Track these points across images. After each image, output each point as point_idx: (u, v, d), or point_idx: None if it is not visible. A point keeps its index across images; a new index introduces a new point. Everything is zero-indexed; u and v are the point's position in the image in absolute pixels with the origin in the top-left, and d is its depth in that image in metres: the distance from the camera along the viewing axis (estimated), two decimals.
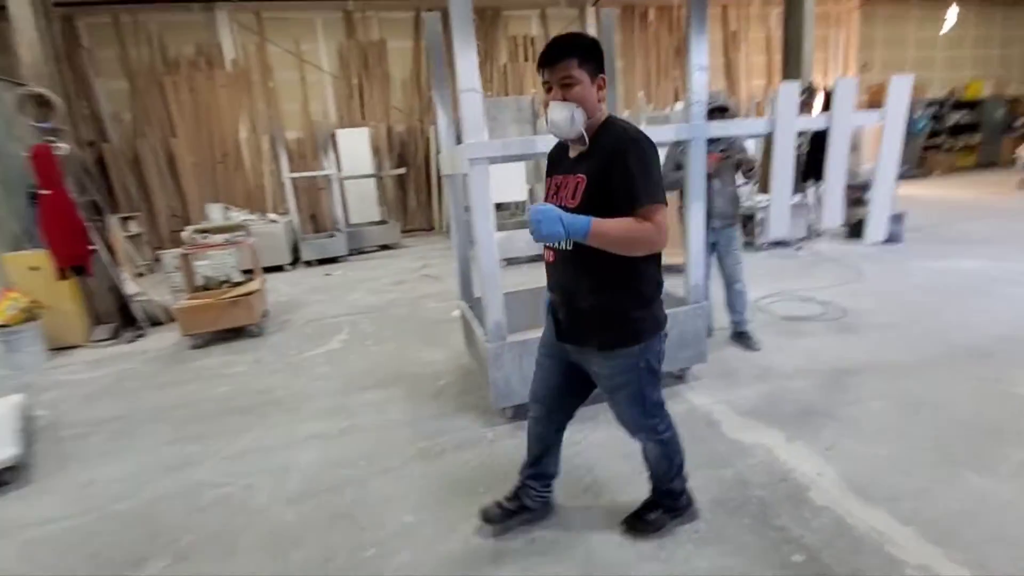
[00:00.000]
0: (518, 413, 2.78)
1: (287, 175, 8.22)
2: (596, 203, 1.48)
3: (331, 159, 8.70)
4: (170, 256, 5.26)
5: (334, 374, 3.68)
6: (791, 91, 2.82)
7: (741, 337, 3.58)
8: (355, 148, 9.47)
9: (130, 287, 5.12)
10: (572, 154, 1.63)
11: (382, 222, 9.69)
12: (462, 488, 2.27)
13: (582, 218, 1.38)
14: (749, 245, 6.05)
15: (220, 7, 10.05)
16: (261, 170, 10.38)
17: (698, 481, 2.11)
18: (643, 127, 1.74)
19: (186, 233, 5.14)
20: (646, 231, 1.41)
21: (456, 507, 2.14)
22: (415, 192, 11.29)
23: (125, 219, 8.34)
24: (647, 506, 1.94)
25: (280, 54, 10.52)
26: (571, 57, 1.47)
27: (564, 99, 1.48)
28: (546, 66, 1.50)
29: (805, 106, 6.76)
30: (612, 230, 1.40)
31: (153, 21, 9.89)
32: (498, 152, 2.39)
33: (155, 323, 5.14)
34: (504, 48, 11.42)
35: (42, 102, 4.56)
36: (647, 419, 1.75)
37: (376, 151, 10.21)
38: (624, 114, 8.62)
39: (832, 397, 2.84)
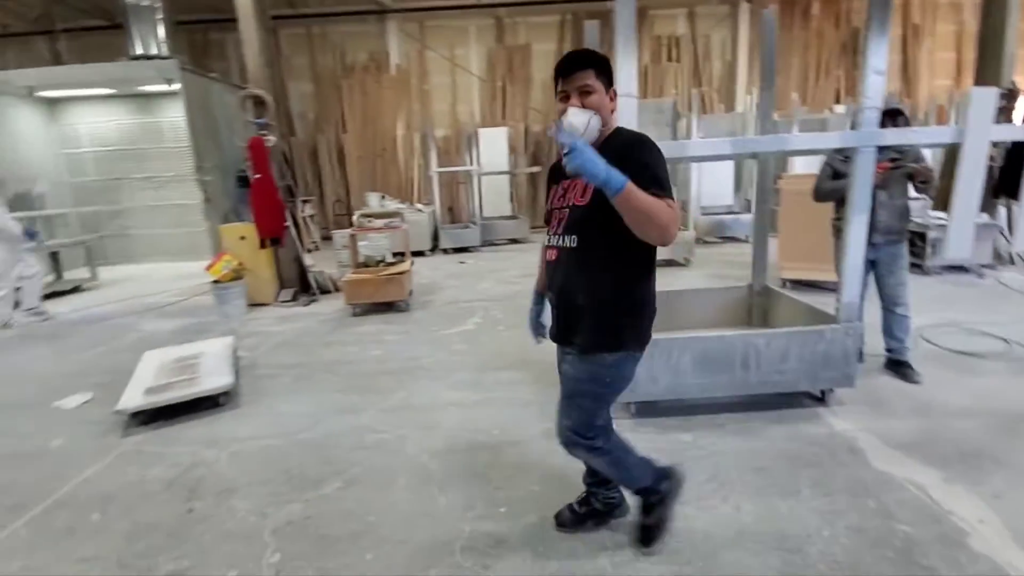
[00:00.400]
0: (642, 410, 2.84)
1: (435, 169, 8.92)
2: (607, 201, 1.43)
3: (472, 156, 9.26)
4: (340, 235, 6.04)
5: (470, 352, 4.01)
6: (988, 97, 2.50)
7: (898, 366, 3.24)
8: (494, 146, 9.96)
9: (307, 260, 5.98)
10: (570, 171, 1.52)
11: (513, 217, 10.10)
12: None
13: (620, 173, 1.34)
14: (917, 267, 5.36)
15: (391, 18, 11.16)
16: (411, 164, 11.35)
17: (836, 504, 2.02)
18: (795, 131, 1.71)
19: (355, 216, 5.87)
20: (667, 212, 1.40)
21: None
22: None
23: (303, 202, 9.66)
24: (641, 512, 1.94)
25: (436, 59, 11.40)
26: (589, 67, 1.54)
27: (583, 106, 1.53)
28: (565, 75, 1.56)
29: (1004, 112, 5.79)
30: (642, 195, 1.37)
31: (337, 32, 11.29)
32: (676, 153, 2.45)
33: (324, 291, 5.95)
34: (647, 48, 11.21)
35: (258, 102, 5.50)
36: (584, 439, 1.71)
37: (512, 149, 10.64)
38: (773, 116, 8.06)
39: (1005, 443, 2.49)
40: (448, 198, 11.22)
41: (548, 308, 1.86)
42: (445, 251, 8.74)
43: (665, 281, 2.43)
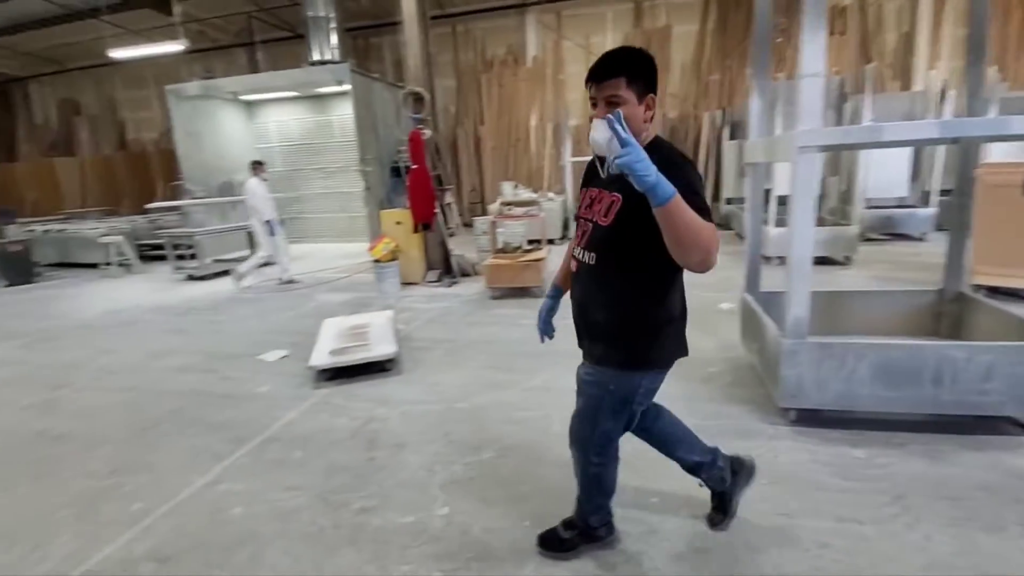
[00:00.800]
0: (802, 417, 2.62)
1: (568, 159, 8.95)
2: (632, 225, 1.41)
3: None
4: (481, 222, 6.36)
5: None
6: None
7: None
8: None
9: (451, 245, 6.38)
10: (614, 170, 1.41)
11: None
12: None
13: (669, 183, 1.23)
14: None
15: (530, 11, 11.33)
16: (543, 153, 11.50)
17: None
18: (992, 113, 1.41)
19: (495, 204, 6.13)
20: (712, 235, 1.27)
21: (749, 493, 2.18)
22: None
23: (446, 190, 10.31)
24: (565, 524, 1.92)
25: (571, 49, 11.35)
26: (620, 75, 1.40)
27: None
28: (594, 82, 1.43)
29: None
30: (688, 211, 1.24)
31: (479, 28, 11.74)
32: (837, 139, 2.24)
33: (464, 275, 6.32)
34: None
35: (417, 98, 5.94)
36: (587, 441, 1.72)
37: None
38: (950, 95, 6.83)
39: None
40: (577, 187, 11.21)
41: (558, 307, 1.97)
42: None
43: (820, 280, 2.22)
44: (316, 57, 9.05)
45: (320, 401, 3.22)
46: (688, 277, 1.52)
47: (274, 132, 10.47)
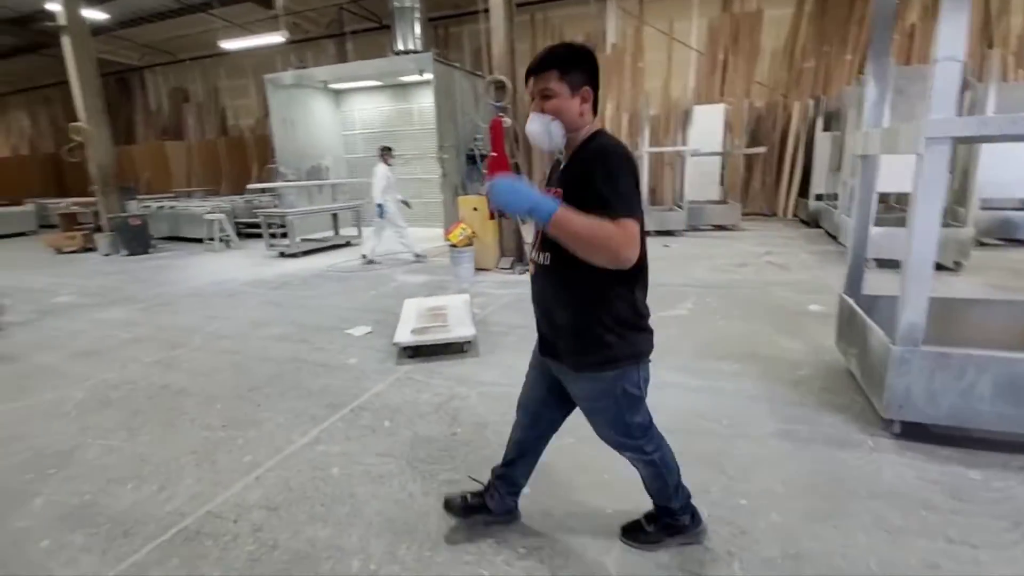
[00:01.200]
0: (907, 431, 2.44)
1: (645, 149, 8.70)
2: None
3: (684, 135, 8.78)
4: None
5: (684, 337, 3.89)
6: None
7: None
8: (708, 125, 9.29)
9: (525, 233, 6.42)
10: (562, 166, 1.54)
11: (722, 202, 9.37)
12: (841, 485, 2.16)
13: (550, 200, 1.30)
14: None
15: None
16: None
17: None
18: None
19: None
20: (609, 234, 1.27)
21: (832, 499, 2.07)
22: (761, 173, 10.47)
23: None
24: (647, 518, 1.89)
25: (651, 36, 10.97)
26: (552, 69, 1.42)
27: (542, 111, 1.43)
28: (529, 77, 1.46)
29: None
30: (575, 222, 1.28)
31: (558, 16, 11.60)
32: (973, 130, 2.03)
33: None
34: (916, 2, 9.18)
35: (500, 86, 5.98)
36: (630, 440, 1.69)
37: (729, 128, 9.79)
38: None
39: None
40: (652, 179, 10.90)
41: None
42: (647, 233, 8.53)
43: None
44: (400, 47, 9.33)
45: (404, 376, 3.36)
46: (776, 277, 1.46)
47: (358, 119, 10.92)
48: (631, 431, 1.67)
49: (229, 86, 15.37)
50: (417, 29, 9.26)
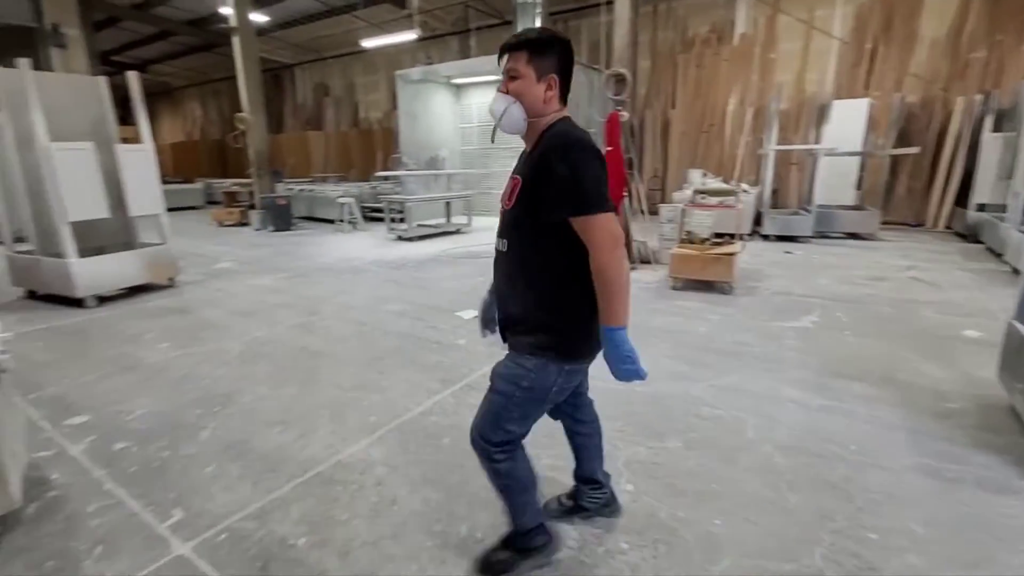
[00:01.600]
0: None
1: (771, 147, 8.05)
2: (528, 209, 1.43)
3: (818, 133, 7.98)
4: (667, 209, 6.11)
5: (807, 351, 3.58)
6: None
7: None
8: (848, 121, 8.35)
9: (633, 230, 6.26)
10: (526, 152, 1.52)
11: (858, 207, 8.40)
12: (991, 533, 1.88)
13: (607, 338, 1.41)
14: None
15: None
16: (737, 140, 10.53)
17: None
18: None
19: (681, 192, 5.82)
20: (605, 270, 1.35)
21: (981, 547, 1.81)
22: (908, 178, 9.21)
23: (633, 175, 10.11)
24: (501, 543, 1.76)
25: (787, 25, 10.06)
26: (522, 50, 1.40)
27: (507, 92, 1.42)
28: (502, 54, 1.44)
29: None
30: (606, 304, 1.39)
31: (683, 6, 11.06)
32: None
33: (644, 262, 6.17)
34: None
35: (619, 79, 5.86)
36: (489, 436, 1.54)
37: (874, 125, 8.72)
38: None
39: None
40: (775, 179, 10.07)
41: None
42: (766, 237, 7.94)
43: None
44: None
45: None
46: (922, 295, 1.28)
47: (475, 113, 11.30)
48: (494, 433, 1.53)
49: (363, 82, 16.65)
50: (538, 24, 9.34)
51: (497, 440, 1.54)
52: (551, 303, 1.48)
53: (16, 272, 5.25)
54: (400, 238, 8.55)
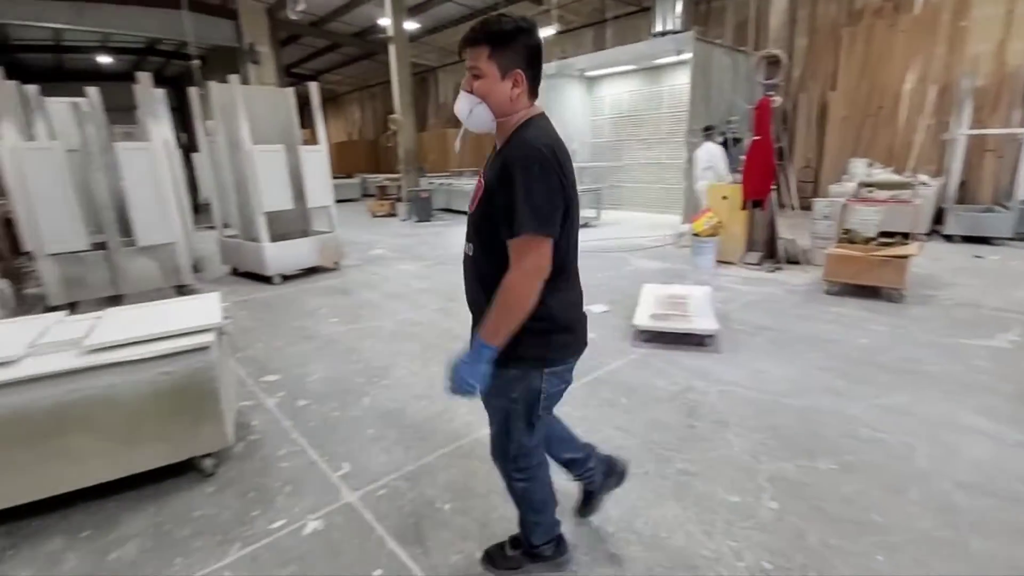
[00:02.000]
0: None
1: (961, 131, 6.75)
2: (487, 215, 1.34)
3: None
4: (823, 204, 5.46)
5: (1001, 375, 2.98)
6: None
7: None
8: None
9: (780, 226, 5.70)
10: (466, 136, 1.47)
11: None
12: None
13: (476, 347, 1.33)
14: None
15: None
16: (915, 124, 8.99)
17: None
18: None
19: (841, 184, 5.14)
20: (512, 289, 1.28)
21: None
22: None
23: (783, 166, 9.21)
24: (512, 541, 1.75)
25: None
26: (481, 45, 1.26)
27: (471, 91, 1.31)
28: (463, 48, 1.30)
29: None
30: (494, 320, 1.30)
31: None
32: None
33: (791, 261, 5.60)
34: None
35: (772, 61, 5.34)
36: (506, 455, 1.54)
37: None
38: None
39: None
40: (963, 169, 8.44)
41: None
42: (948, 238, 6.72)
43: None
44: (659, 28, 9.07)
45: (640, 359, 3.40)
46: None
47: (607, 105, 11.09)
48: (512, 449, 1.52)
49: None
50: (679, 8, 8.86)
51: (514, 454, 1.53)
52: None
53: (224, 253, 6.39)
54: None
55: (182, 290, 5.24)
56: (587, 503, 1.94)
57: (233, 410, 2.63)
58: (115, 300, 4.76)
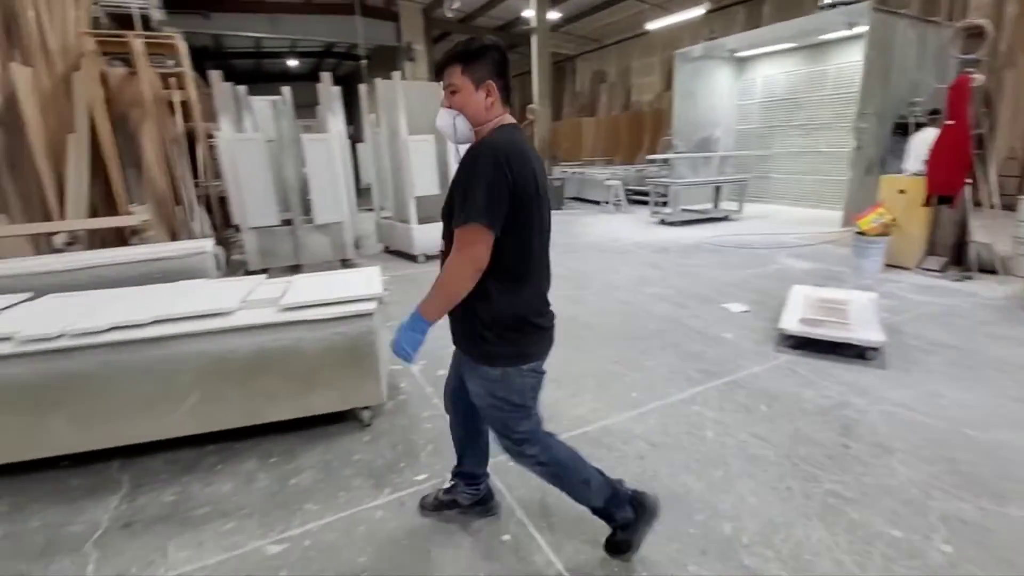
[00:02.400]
0: None
1: None
2: (452, 210, 1.43)
3: None
4: None
5: None
6: None
7: None
8: None
9: (973, 228, 4.75)
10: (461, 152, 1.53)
11: None
12: None
13: (414, 315, 1.45)
14: None
15: None
16: None
17: None
18: None
19: None
20: (447, 272, 1.40)
21: None
22: None
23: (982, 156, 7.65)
24: (621, 527, 1.71)
25: None
26: (455, 63, 1.41)
27: (449, 107, 1.43)
28: (437, 73, 1.49)
29: None
30: (431, 297, 1.44)
31: None
32: None
33: (984, 270, 4.65)
34: None
35: (973, 33, 4.41)
36: (515, 446, 1.60)
37: None
38: None
39: None
40: None
41: None
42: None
43: None
44: (827, 0, 7.96)
45: (784, 365, 3.11)
46: None
47: (759, 87, 10.09)
48: (515, 439, 1.59)
49: (638, 65, 16.56)
50: None
51: (519, 441, 1.59)
52: (484, 307, 1.45)
53: (380, 232, 7.11)
54: (663, 222, 8.39)
55: (345, 263, 5.96)
56: (446, 504, 1.98)
57: (386, 372, 2.95)
58: (295, 269, 5.59)
